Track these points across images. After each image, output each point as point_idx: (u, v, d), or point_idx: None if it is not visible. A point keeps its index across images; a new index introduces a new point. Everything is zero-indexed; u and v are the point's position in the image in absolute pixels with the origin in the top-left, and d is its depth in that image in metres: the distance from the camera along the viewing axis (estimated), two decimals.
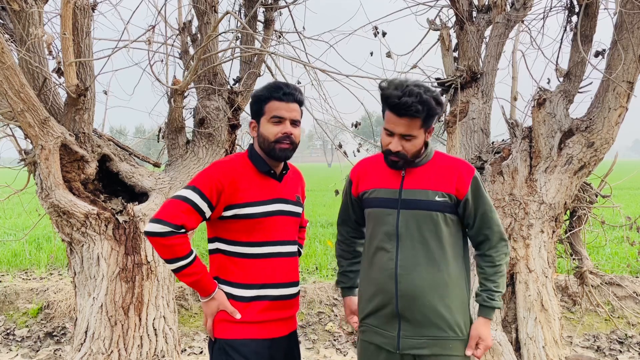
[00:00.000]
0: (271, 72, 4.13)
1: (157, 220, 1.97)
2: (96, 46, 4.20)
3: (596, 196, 3.81)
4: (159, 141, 4.06)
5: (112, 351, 3.26)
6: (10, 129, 3.68)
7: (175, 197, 2.02)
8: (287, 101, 2.07)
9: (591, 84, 3.48)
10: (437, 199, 2.02)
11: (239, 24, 3.83)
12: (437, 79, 3.99)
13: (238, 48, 4.00)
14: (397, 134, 1.98)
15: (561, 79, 3.54)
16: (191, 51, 3.95)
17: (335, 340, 5.00)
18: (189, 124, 3.88)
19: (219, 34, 3.83)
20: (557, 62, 3.65)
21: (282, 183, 2.19)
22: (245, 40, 4.01)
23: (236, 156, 2.18)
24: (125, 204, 3.47)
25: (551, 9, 3.86)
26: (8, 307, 5.44)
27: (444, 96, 3.99)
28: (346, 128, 4.06)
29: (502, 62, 3.97)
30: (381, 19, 4.18)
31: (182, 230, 1.99)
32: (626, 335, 5.00)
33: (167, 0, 3.82)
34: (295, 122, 2.10)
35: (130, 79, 4.03)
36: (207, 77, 3.80)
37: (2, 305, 5.44)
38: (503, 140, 3.87)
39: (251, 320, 2.08)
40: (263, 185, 2.12)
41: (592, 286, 3.91)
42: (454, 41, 4.00)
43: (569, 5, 3.63)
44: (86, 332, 3.30)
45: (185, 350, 4.72)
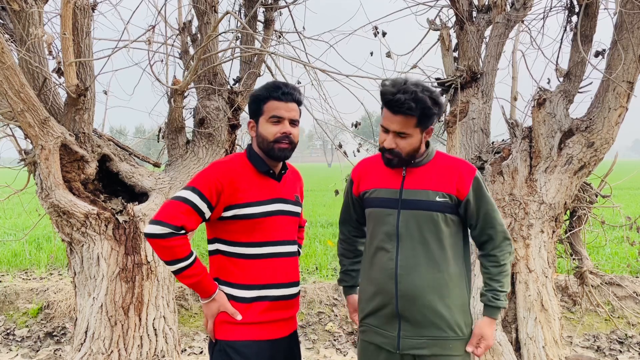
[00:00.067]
0: (271, 72, 4.13)
1: (156, 222, 1.95)
2: (96, 46, 4.21)
3: (596, 196, 3.80)
4: (159, 141, 4.06)
5: (112, 351, 3.26)
6: (10, 129, 3.68)
7: (175, 198, 2.01)
8: (286, 101, 2.06)
9: (591, 84, 3.48)
10: (437, 199, 2.02)
11: (239, 24, 3.83)
12: (437, 79, 3.99)
13: (238, 48, 3.99)
14: (391, 131, 1.99)
15: (561, 79, 3.53)
16: (191, 51, 3.95)
17: (335, 340, 5.00)
18: (189, 124, 3.89)
19: (219, 34, 3.83)
20: (557, 62, 3.65)
21: (281, 183, 2.18)
22: (245, 40, 4.01)
23: (235, 156, 2.17)
24: (125, 204, 3.47)
25: (551, 9, 3.87)
26: (8, 307, 5.43)
27: (444, 96, 3.99)
28: (346, 128, 4.06)
29: (502, 62, 3.98)
30: (381, 19, 4.18)
31: (182, 232, 1.98)
32: (626, 335, 5.00)
33: (167, 0, 3.83)
34: (294, 121, 2.09)
35: (130, 79, 4.03)
36: (207, 77, 3.80)
37: (2, 305, 5.44)
38: (503, 140, 3.87)
39: (252, 321, 2.07)
40: (262, 185, 2.11)
41: (592, 286, 3.91)
42: (454, 41, 4.00)
43: (569, 5, 3.63)
44: (86, 332, 3.30)
45: (185, 350, 4.72)
